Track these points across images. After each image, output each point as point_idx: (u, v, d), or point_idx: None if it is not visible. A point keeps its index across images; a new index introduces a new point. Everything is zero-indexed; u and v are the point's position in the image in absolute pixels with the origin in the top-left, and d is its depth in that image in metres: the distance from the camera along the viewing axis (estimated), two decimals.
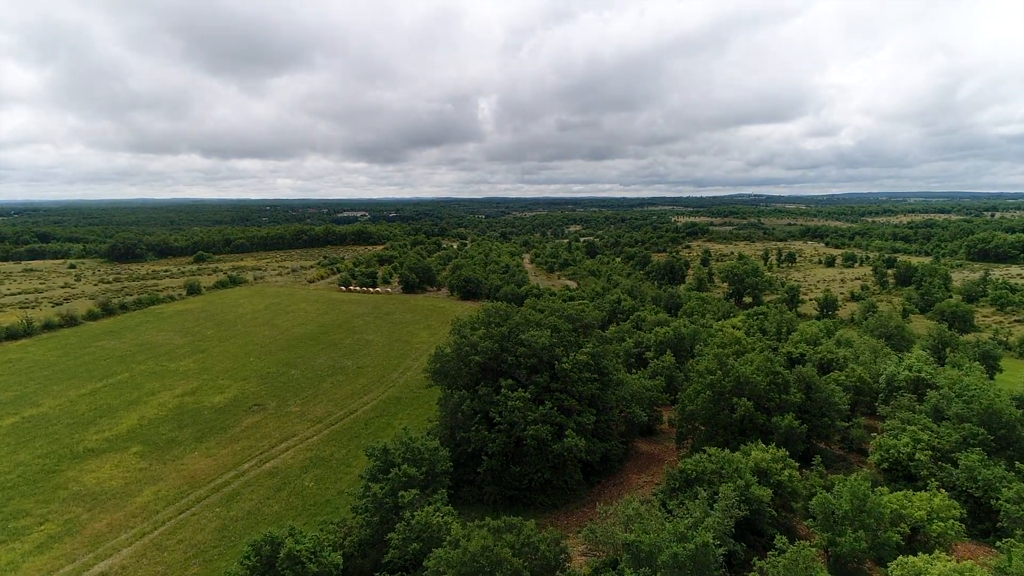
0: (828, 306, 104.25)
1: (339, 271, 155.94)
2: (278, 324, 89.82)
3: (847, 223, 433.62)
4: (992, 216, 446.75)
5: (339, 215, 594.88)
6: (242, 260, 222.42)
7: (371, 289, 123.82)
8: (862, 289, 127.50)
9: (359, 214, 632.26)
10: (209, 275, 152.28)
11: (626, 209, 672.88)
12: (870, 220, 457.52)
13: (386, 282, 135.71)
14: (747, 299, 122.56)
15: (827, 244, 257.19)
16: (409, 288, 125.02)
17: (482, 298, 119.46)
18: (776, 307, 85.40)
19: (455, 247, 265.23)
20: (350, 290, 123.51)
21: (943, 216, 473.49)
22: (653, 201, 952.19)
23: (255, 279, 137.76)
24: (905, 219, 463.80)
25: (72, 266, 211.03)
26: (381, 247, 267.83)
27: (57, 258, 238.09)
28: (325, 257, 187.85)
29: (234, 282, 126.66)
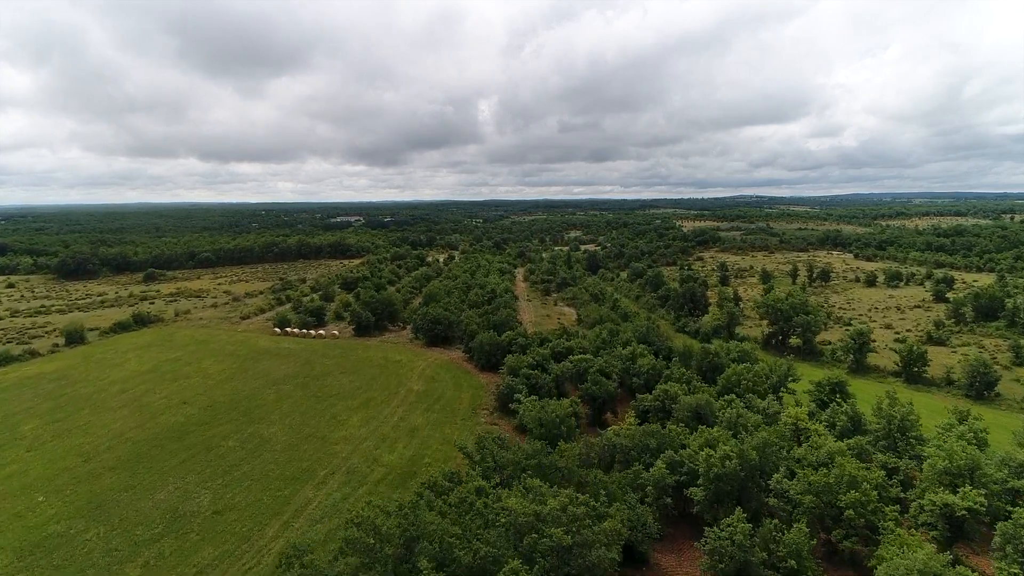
0: (913, 360, 77.33)
1: (289, 299, 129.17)
2: (148, 403, 62.96)
3: (861, 227, 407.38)
4: (1012, 219, 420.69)
5: (332, 220, 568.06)
6: (198, 278, 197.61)
7: (312, 332, 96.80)
8: (936, 327, 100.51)
9: (353, 219, 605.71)
10: (132, 305, 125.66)
11: (627, 212, 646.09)
12: (883, 223, 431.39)
13: (340, 318, 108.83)
14: (794, 340, 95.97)
15: (856, 256, 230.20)
16: (363, 330, 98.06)
17: (454, 344, 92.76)
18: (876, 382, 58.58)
19: (441, 260, 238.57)
20: (286, 332, 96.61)
21: (961, 219, 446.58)
22: (655, 203, 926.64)
23: (176, 315, 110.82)
24: (921, 222, 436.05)
25: (11, 285, 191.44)
26: (359, 260, 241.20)
27: (3, 274, 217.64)
28: (281, 279, 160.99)
29: (141, 322, 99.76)
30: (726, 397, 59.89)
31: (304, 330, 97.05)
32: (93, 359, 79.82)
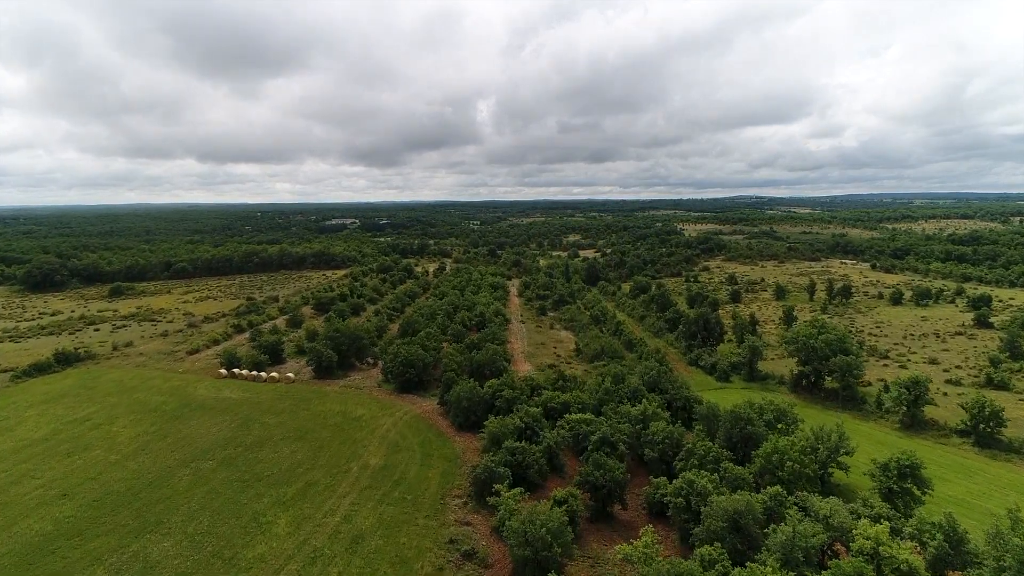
0: (986, 417, 63.17)
1: (251, 325, 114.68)
2: (16, 498, 48.43)
3: (867, 230, 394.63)
4: (1023, 222, 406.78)
5: (327, 222, 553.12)
6: (169, 292, 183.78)
7: (264, 374, 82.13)
8: (993, 365, 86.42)
9: (348, 221, 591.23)
10: (75, 332, 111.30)
11: (627, 214, 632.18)
12: (890, 226, 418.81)
13: (302, 352, 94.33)
14: (830, 383, 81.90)
15: (873, 266, 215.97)
16: (324, 371, 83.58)
17: (431, 389, 78.32)
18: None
19: (431, 271, 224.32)
20: (233, 375, 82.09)
21: (968, 222, 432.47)
22: (653, 204, 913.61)
23: (114, 348, 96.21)
24: (928, 225, 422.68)
25: None
26: (343, 272, 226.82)
27: None
28: (249, 299, 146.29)
29: (63, 362, 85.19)
30: (768, 490, 45.93)
31: (255, 372, 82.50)
32: None
